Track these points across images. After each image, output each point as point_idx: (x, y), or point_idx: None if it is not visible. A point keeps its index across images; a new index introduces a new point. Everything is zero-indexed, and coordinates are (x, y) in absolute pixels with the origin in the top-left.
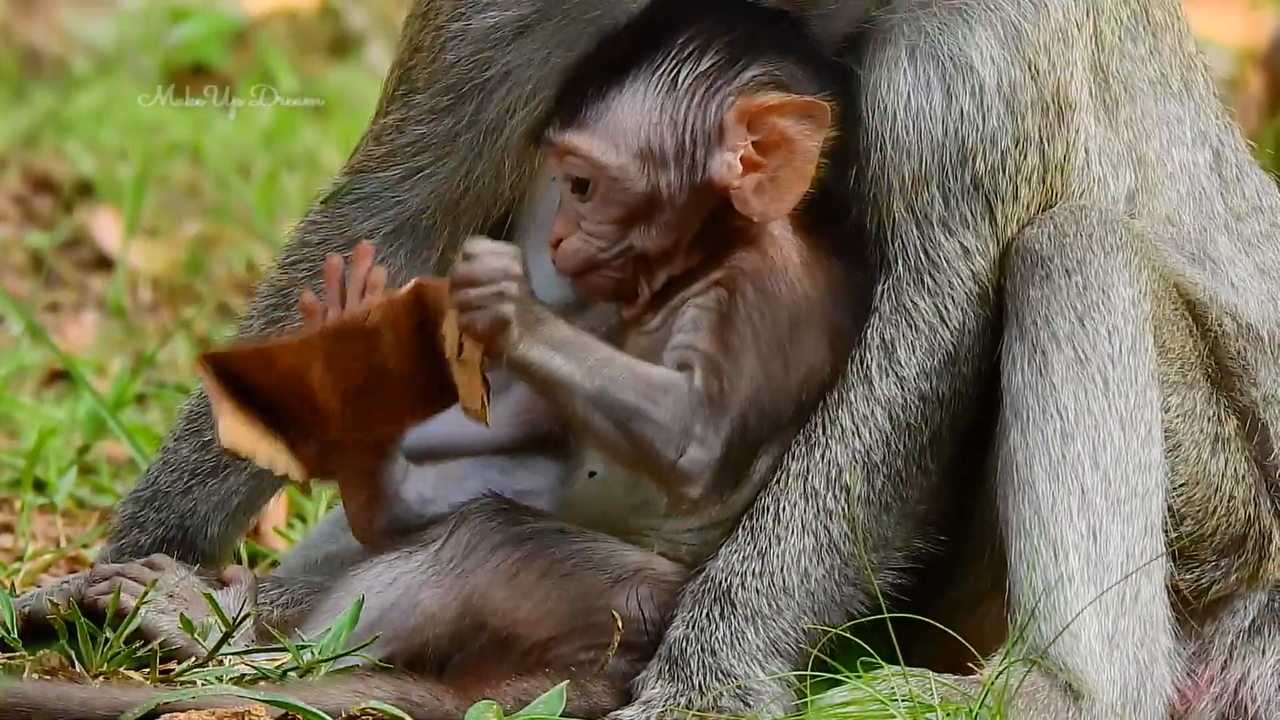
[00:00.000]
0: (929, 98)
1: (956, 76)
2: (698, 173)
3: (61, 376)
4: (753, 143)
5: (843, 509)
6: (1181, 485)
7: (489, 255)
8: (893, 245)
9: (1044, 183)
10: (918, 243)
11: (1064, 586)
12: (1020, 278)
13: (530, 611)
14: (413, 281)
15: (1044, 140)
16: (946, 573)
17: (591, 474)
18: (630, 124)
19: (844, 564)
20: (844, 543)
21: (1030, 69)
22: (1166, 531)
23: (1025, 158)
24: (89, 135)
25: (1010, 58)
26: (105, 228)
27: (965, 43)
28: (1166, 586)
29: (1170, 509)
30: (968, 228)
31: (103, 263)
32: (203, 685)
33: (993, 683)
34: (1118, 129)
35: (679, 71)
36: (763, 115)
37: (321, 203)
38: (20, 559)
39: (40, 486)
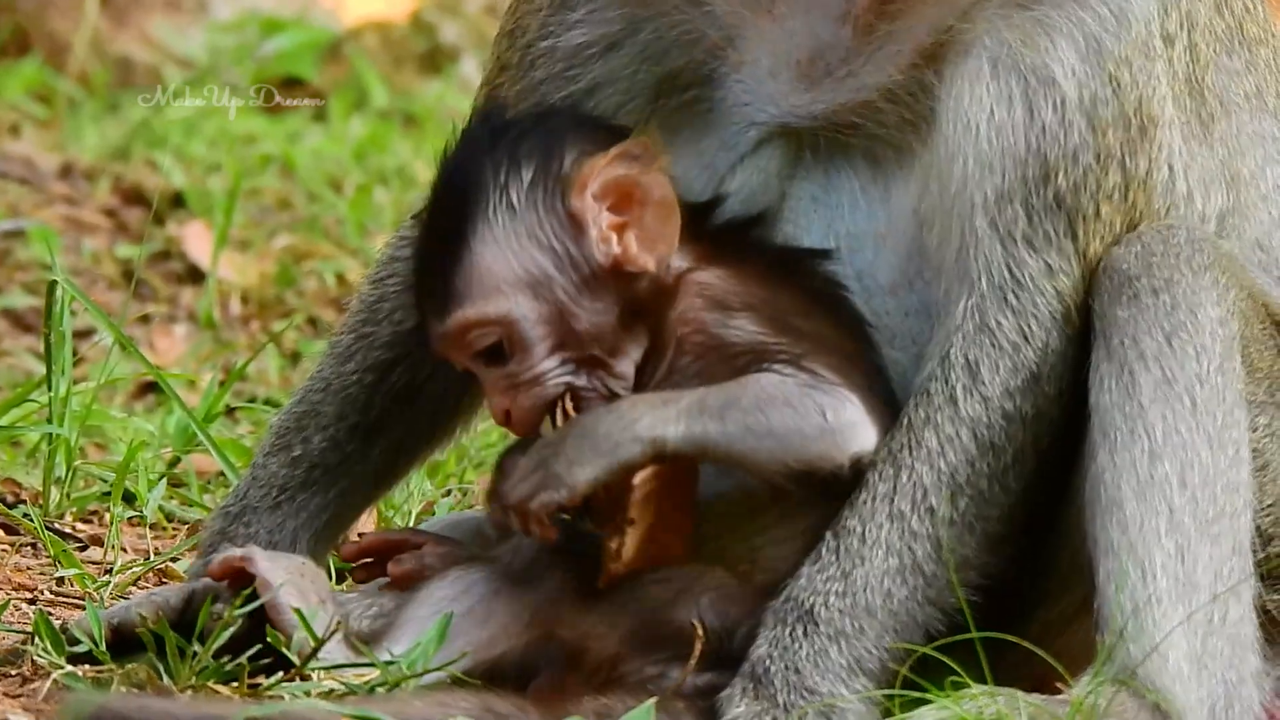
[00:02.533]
0: (1011, 112)
1: (1039, 90)
2: (582, 266)
3: (151, 389)
4: (608, 207)
5: (928, 530)
6: (1269, 505)
7: (513, 471)
8: (976, 263)
9: (1126, 200)
10: (1001, 260)
11: (1152, 607)
12: (1107, 297)
13: (596, 624)
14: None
15: (1126, 156)
16: (1035, 594)
17: None
18: (500, 268)
19: (926, 584)
20: (927, 563)
21: (1112, 83)
22: (1254, 551)
23: (1107, 174)
24: (180, 147)
25: (1091, 71)
26: (196, 240)
27: (1047, 55)
28: (1255, 607)
29: (1258, 529)
30: (1051, 245)
31: (193, 275)
32: (290, 699)
33: (1081, 703)
34: (1212, 145)
35: (510, 197)
36: (598, 180)
37: (412, 218)
38: (109, 572)
39: (130, 499)
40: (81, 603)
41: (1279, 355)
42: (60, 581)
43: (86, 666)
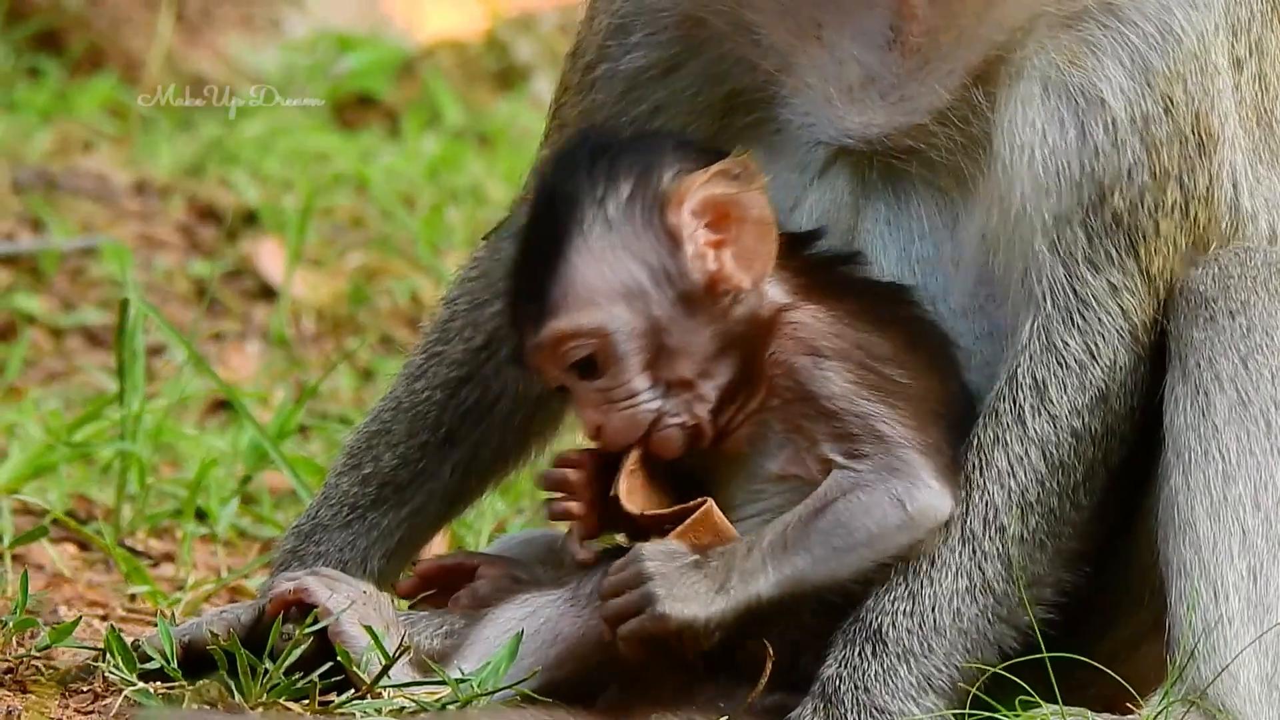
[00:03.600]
0: (1064, 134)
1: (1089, 111)
2: (677, 282)
3: (224, 406)
4: (706, 224)
5: (998, 549)
6: None
7: (617, 574)
8: (1039, 284)
9: (1188, 216)
10: (1064, 281)
11: (1224, 627)
12: (1184, 319)
13: (666, 651)
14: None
15: (1184, 173)
16: (1107, 614)
17: None
18: (596, 279)
19: (997, 603)
20: (997, 582)
21: (1164, 100)
22: None
23: (1165, 192)
24: (254, 164)
25: (1141, 90)
26: (269, 257)
27: (1095, 75)
28: None
29: None
30: (1113, 264)
31: (266, 292)
32: (361, 717)
33: None
34: None
35: (608, 211)
36: (696, 197)
37: (483, 238)
38: (181, 588)
39: (202, 516)
40: (153, 620)
41: None
42: (132, 598)
43: (158, 684)
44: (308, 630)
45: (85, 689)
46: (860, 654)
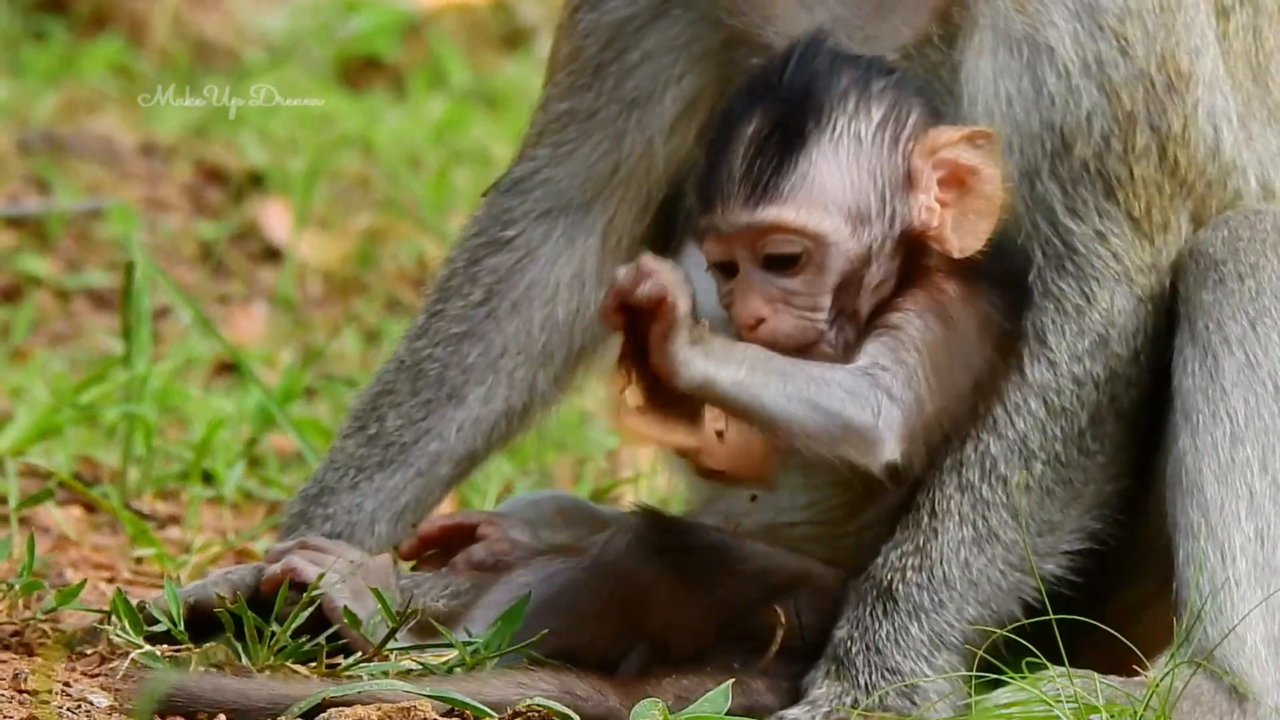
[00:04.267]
0: (1018, 85)
1: (1038, 59)
2: (897, 222)
3: (230, 368)
4: (938, 180)
5: (1001, 498)
6: None
7: (659, 267)
8: (1028, 236)
9: (1165, 159)
10: (1049, 231)
11: (1230, 590)
12: (1193, 281)
13: (687, 619)
14: None
15: (1153, 115)
16: (1114, 577)
17: (753, 497)
18: (834, 187)
19: (1006, 551)
20: (1004, 530)
21: (1118, 41)
22: None
23: (1134, 136)
24: (260, 127)
25: (1090, 32)
26: (275, 220)
27: (1040, 21)
28: None
29: None
30: (1092, 210)
31: (272, 255)
32: (368, 680)
33: (1158, 684)
34: None
35: (859, 127)
36: (942, 153)
37: (482, 195)
38: (188, 551)
39: (208, 479)
40: (159, 582)
41: None
42: (138, 561)
43: (164, 646)
44: (314, 593)
45: (91, 651)
46: (871, 613)
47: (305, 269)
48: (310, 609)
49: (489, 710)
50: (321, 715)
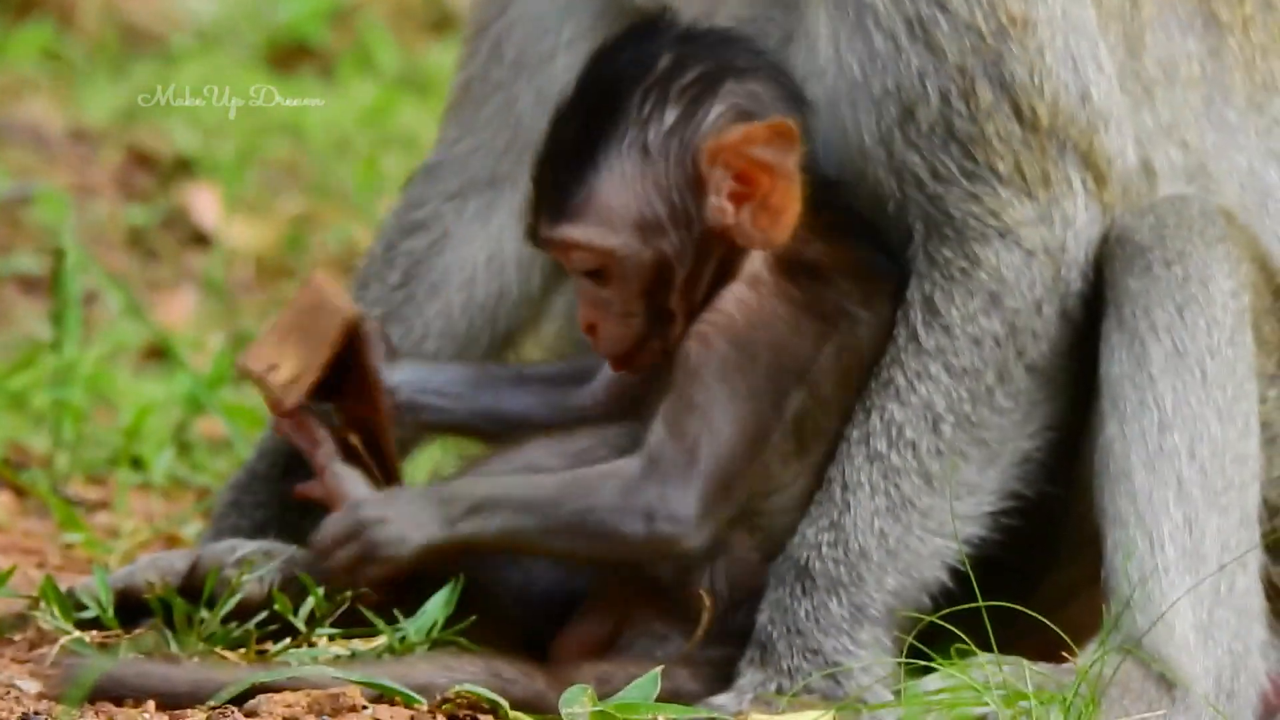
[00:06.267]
0: (854, 51)
1: (864, 24)
2: (695, 225)
3: (159, 354)
4: (734, 177)
5: (912, 464)
6: (1277, 477)
7: (330, 524)
8: (898, 206)
9: (1019, 111)
10: (918, 199)
11: (1159, 577)
12: (1120, 267)
13: (605, 595)
14: None
15: (989, 67)
16: (1042, 563)
17: None
18: (620, 202)
19: (923, 517)
20: (919, 497)
21: None
22: (1261, 524)
23: (975, 92)
24: (189, 112)
25: None
26: (204, 205)
27: None
28: (1260, 579)
29: (1265, 501)
30: (957, 173)
31: (201, 240)
32: (297, 666)
33: (1087, 672)
34: (1154, 105)
35: (646, 136)
36: (733, 151)
37: (401, 189)
38: (117, 536)
39: (137, 464)
40: (89, 568)
41: None
42: (68, 546)
43: (94, 632)
44: (245, 578)
45: (20, 637)
46: (791, 593)
47: (235, 254)
48: (238, 597)
49: (416, 695)
50: (250, 701)
